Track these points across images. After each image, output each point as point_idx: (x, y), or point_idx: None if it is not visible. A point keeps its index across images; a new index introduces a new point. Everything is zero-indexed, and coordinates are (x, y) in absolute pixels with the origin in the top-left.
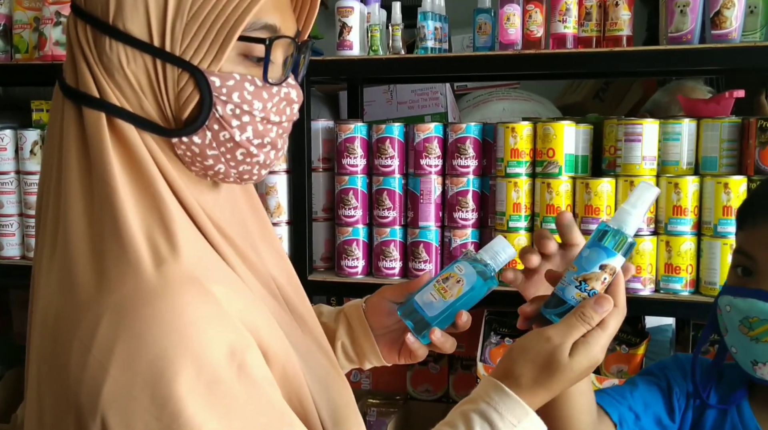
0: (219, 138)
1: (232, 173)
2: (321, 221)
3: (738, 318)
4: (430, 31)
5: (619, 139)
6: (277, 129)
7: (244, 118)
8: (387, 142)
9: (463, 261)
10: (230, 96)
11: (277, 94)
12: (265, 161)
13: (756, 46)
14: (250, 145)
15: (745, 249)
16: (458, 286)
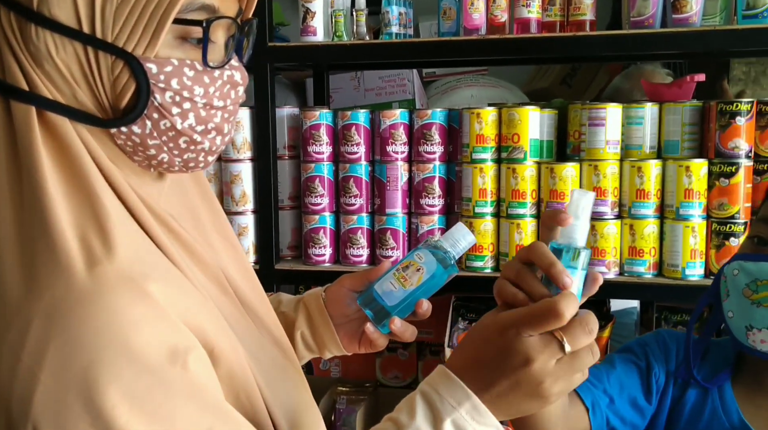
0: (159, 127)
1: (177, 162)
2: (287, 210)
3: (745, 281)
4: (395, 16)
5: (583, 124)
6: (222, 113)
7: (185, 105)
8: (353, 129)
9: (423, 249)
10: (169, 83)
11: (219, 77)
12: (211, 148)
13: (716, 29)
14: (194, 132)
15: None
16: (418, 274)
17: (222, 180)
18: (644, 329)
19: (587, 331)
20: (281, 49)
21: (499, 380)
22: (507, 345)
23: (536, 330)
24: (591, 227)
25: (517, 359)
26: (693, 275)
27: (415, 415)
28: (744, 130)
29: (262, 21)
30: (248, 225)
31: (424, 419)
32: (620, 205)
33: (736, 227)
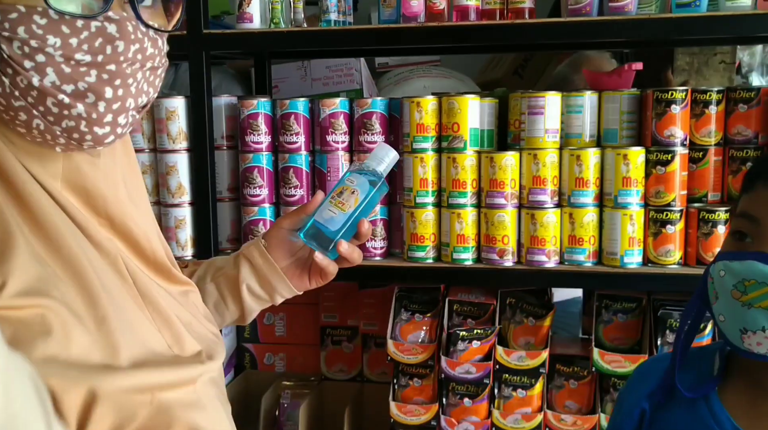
0: (18, 84)
1: (57, 131)
2: (226, 202)
3: (732, 282)
4: (333, 3)
5: (523, 113)
6: (98, 72)
7: (38, 57)
8: (292, 118)
9: (353, 173)
10: (14, 30)
11: (85, 27)
12: (91, 115)
13: (650, 18)
14: (59, 92)
15: (751, 212)
16: (353, 196)
17: (157, 171)
18: (586, 317)
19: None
20: (216, 37)
21: None
22: None
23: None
24: (531, 216)
25: None
26: (631, 262)
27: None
28: (679, 119)
29: (197, 8)
30: (185, 217)
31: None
32: (560, 194)
33: (673, 214)
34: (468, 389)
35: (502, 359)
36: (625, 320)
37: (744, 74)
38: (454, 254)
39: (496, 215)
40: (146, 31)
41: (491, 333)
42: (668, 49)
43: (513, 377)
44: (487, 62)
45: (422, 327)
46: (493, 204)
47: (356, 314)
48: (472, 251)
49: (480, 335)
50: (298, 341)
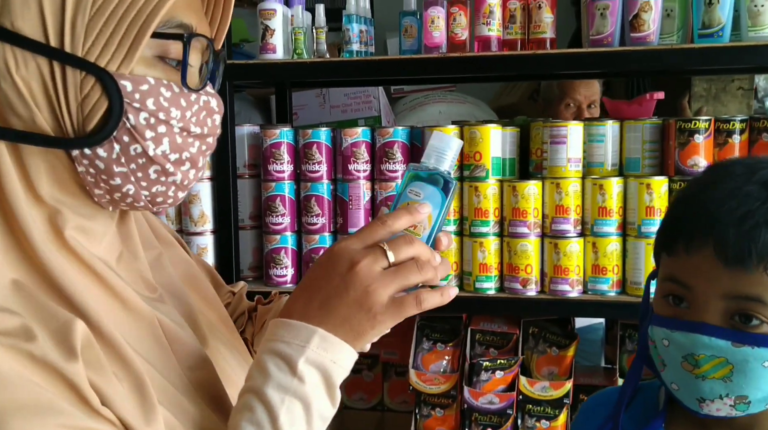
0: (129, 152)
1: (144, 196)
2: (248, 229)
3: (680, 354)
4: (355, 34)
5: (545, 142)
6: (199, 144)
7: (160, 129)
8: (314, 147)
9: (414, 182)
10: (144, 102)
11: (196, 102)
12: (183, 181)
13: (673, 48)
14: (167, 161)
15: (680, 278)
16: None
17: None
18: (609, 347)
19: (409, 242)
20: (240, 67)
21: (331, 299)
22: (334, 260)
23: (360, 240)
24: (554, 245)
25: (342, 265)
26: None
27: (269, 371)
28: (703, 148)
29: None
30: (207, 246)
31: (279, 371)
32: (583, 223)
33: None
34: (491, 420)
35: (526, 390)
36: None
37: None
38: (477, 283)
39: (519, 244)
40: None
41: (515, 363)
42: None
43: (536, 408)
44: (501, 88)
45: (444, 357)
46: (516, 233)
47: (376, 343)
48: (494, 280)
49: (503, 366)
50: None
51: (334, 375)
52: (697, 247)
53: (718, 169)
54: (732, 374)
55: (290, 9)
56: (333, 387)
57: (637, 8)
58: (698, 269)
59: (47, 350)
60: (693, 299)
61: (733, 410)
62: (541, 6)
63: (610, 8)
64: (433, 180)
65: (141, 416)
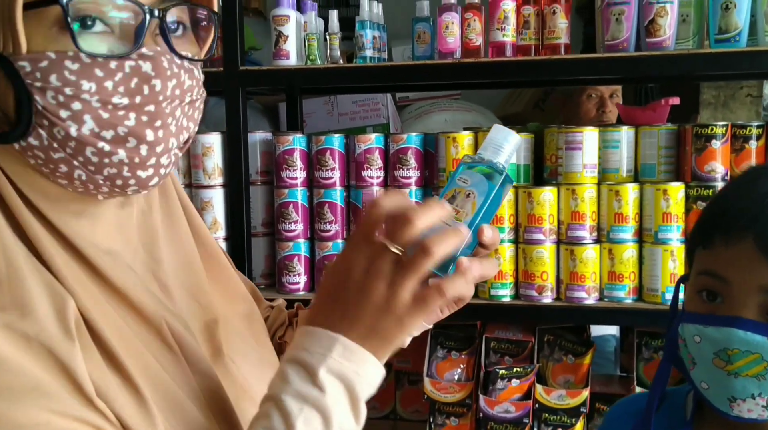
0: (56, 136)
1: (100, 180)
2: (260, 236)
3: (712, 350)
4: (369, 40)
5: (559, 148)
6: (137, 115)
7: (74, 105)
8: (327, 153)
9: (465, 170)
10: (47, 80)
11: (119, 69)
12: (133, 159)
13: (689, 53)
14: (98, 139)
15: (717, 271)
16: (470, 200)
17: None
18: (624, 354)
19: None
20: (254, 73)
21: (351, 308)
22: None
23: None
24: (570, 252)
25: (356, 272)
26: None
27: (289, 379)
28: (720, 154)
29: (233, 45)
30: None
31: (299, 379)
32: (599, 230)
33: None
34: (507, 429)
35: (542, 398)
36: None
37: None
38: (492, 291)
39: (535, 250)
40: (181, 62)
41: (530, 371)
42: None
43: (553, 417)
44: (507, 96)
45: (459, 365)
46: (532, 240)
47: None
48: (510, 288)
49: (519, 374)
50: None
51: (358, 388)
52: (736, 239)
53: (756, 169)
54: (766, 372)
55: (303, 15)
56: (357, 401)
57: (653, 13)
58: (737, 261)
59: (43, 327)
60: (729, 292)
61: (765, 412)
62: (555, 12)
63: (625, 13)
64: (484, 169)
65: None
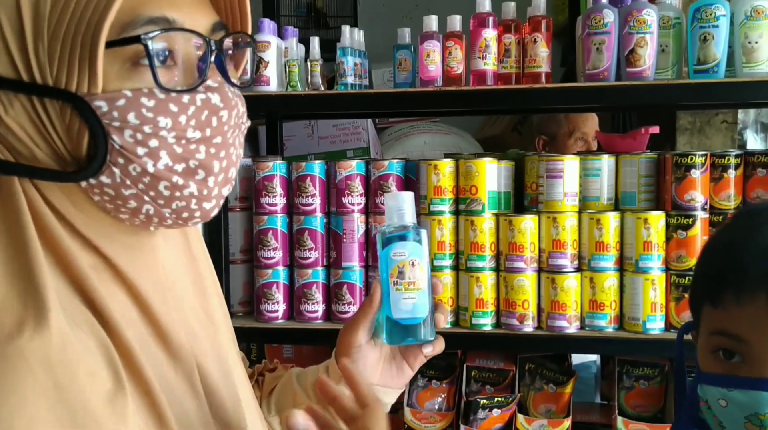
0: (131, 173)
1: (167, 214)
2: (239, 264)
3: (742, 415)
4: (350, 66)
5: (540, 176)
6: (207, 147)
7: (152, 143)
8: (308, 179)
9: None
10: (125, 119)
11: (191, 103)
12: (202, 192)
13: (669, 83)
14: (173, 174)
15: (732, 331)
16: (415, 268)
17: None
18: (605, 382)
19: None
20: None
21: None
22: None
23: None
24: (551, 280)
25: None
26: (654, 328)
27: None
28: (699, 183)
29: None
30: None
31: None
32: (580, 258)
33: None
34: None
35: (523, 428)
36: (647, 386)
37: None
38: (473, 319)
39: (516, 279)
40: (235, 90)
41: (512, 401)
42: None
43: None
44: (485, 119)
45: (440, 394)
46: (513, 268)
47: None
48: (491, 316)
49: (501, 403)
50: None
51: None
52: (748, 297)
53: (750, 215)
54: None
55: (284, 41)
56: None
57: (633, 43)
58: (753, 320)
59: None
60: (749, 352)
61: None
62: (536, 41)
63: (606, 43)
64: (405, 237)
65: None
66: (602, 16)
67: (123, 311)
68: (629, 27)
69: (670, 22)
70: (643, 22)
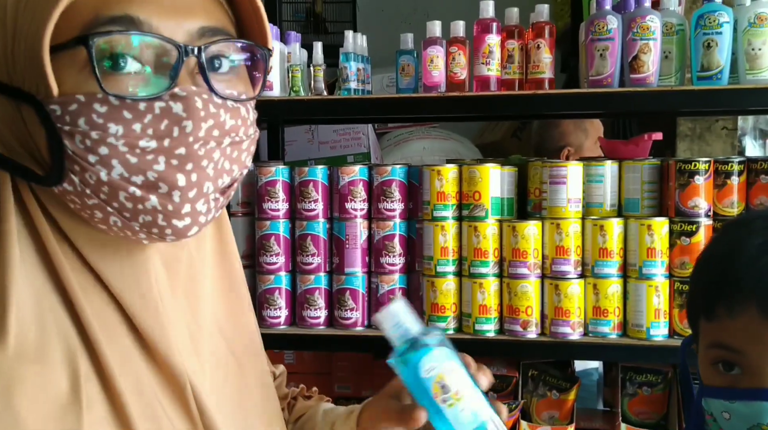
0: (88, 181)
1: (136, 227)
2: None
3: (745, 426)
4: (353, 72)
5: (544, 182)
6: (167, 159)
7: (101, 150)
8: (310, 185)
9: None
10: (75, 123)
11: (148, 110)
12: (165, 207)
13: (672, 90)
14: (129, 184)
15: (728, 343)
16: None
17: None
18: (608, 389)
19: None
20: None
21: None
22: None
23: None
24: (554, 287)
25: None
26: (657, 335)
27: None
28: (703, 189)
29: None
30: None
31: None
32: (583, 265)
33: None
34: None
35: None
36: (650, 393)
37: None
38: (476, 325)
39: (519, 285)
40: (222, 102)
41: (515, 407)
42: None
43: None
44: (485, 125)
45: None
46: (516, 274)
47: (371, 385)
48: (494, 322)
49: None
50: None
51: None
52: (740, 308)
53: (737, 227)
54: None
55: (287, 47)
56: None
57: (637, 50)
58: (746, 331)
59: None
60: (746, 363)
61: None
62: (539, 46)
63: (609, 49)
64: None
65: None
66: (606, 23)
67: (106, 322)
68: (633, 33)
69: (673, 29)
70: (646, 28)
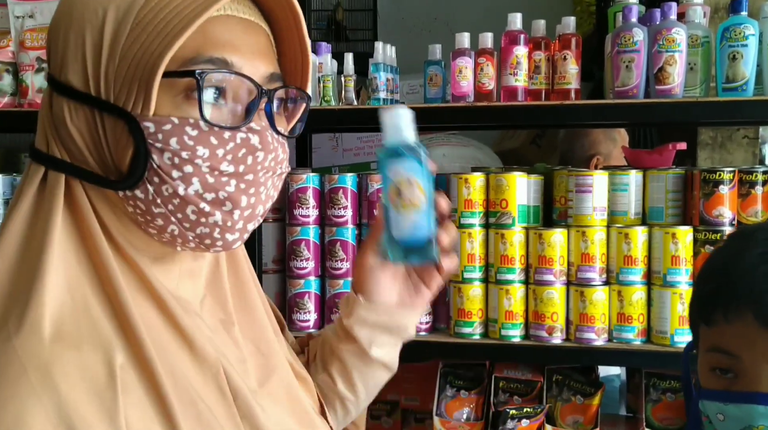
0: (162, 193)
1: (190, 237)
2: (271, 274)
3: (738, 428)
4: (382, 82)
5: (569, 190)
6: (237, 182)
7: (186, 168)
8: (340, 192)
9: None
10: (167, 142)
11: (231, 139)
12: (226, 223)
13: (698, 101)
14: (201, 200)
15: (724, 348)
16: (413, 187)
17: None
18: (631, 395)
19: None
20: None
21: None
22: None
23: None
24: (580, 293)
25: None
26: (682, 341)
27: None
28: (727, 199)
29: None
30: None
31: None
32: (608, 272)
33: None
34: None
35: None
36: (674, 399)
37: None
38: (503, 331)
39: (545, 291)
40: (278, 137)
41: (541, 412)
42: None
43: None
44: (503, 132)
45: (468, 404)
46: (542, 281)
47: (396, 389)
48: (520, 328)
49: (529, 414)
50: None
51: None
52: (736, 314)
53: (740, 238)
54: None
55: (318, 57)
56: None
57: (662, 61)
58: (742, 337)
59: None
60: (741, 368)
61: None
62: (566, 58)
63: (635, 61)
64: (402, 155)
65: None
66: (632, 35)
67: (145, 315)
68: (659, 45)
69: (698, 41)
70: (672, 40)
